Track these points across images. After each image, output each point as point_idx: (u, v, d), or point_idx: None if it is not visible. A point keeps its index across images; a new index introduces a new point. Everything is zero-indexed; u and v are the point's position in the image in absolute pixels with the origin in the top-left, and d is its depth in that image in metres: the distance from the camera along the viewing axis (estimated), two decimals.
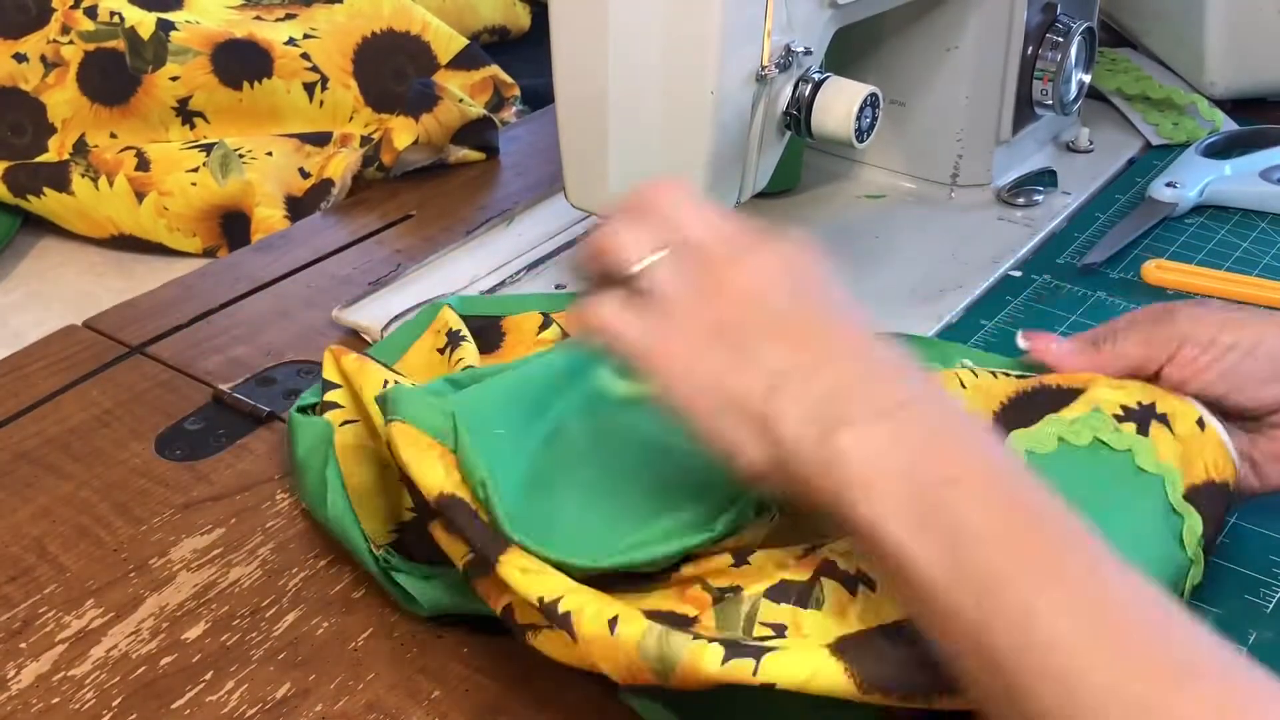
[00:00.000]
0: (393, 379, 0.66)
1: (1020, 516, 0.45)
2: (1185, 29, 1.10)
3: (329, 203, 1.01)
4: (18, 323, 0.92)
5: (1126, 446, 0.59)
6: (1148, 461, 0.59)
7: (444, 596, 0.61)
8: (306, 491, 0.67)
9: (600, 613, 0.53)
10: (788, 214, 0.96)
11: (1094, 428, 0.60)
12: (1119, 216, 0.96)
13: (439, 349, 0.73)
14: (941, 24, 0.93)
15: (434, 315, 0.76)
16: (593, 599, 0.54)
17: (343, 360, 0.68)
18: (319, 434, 0.67)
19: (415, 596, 0.61)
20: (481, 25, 1.28)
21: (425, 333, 0.75)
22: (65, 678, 0.59)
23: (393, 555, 0.63)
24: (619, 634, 0.52)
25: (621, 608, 0.53)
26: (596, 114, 0.71)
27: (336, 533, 0.64)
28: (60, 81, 1.05)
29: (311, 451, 0.67)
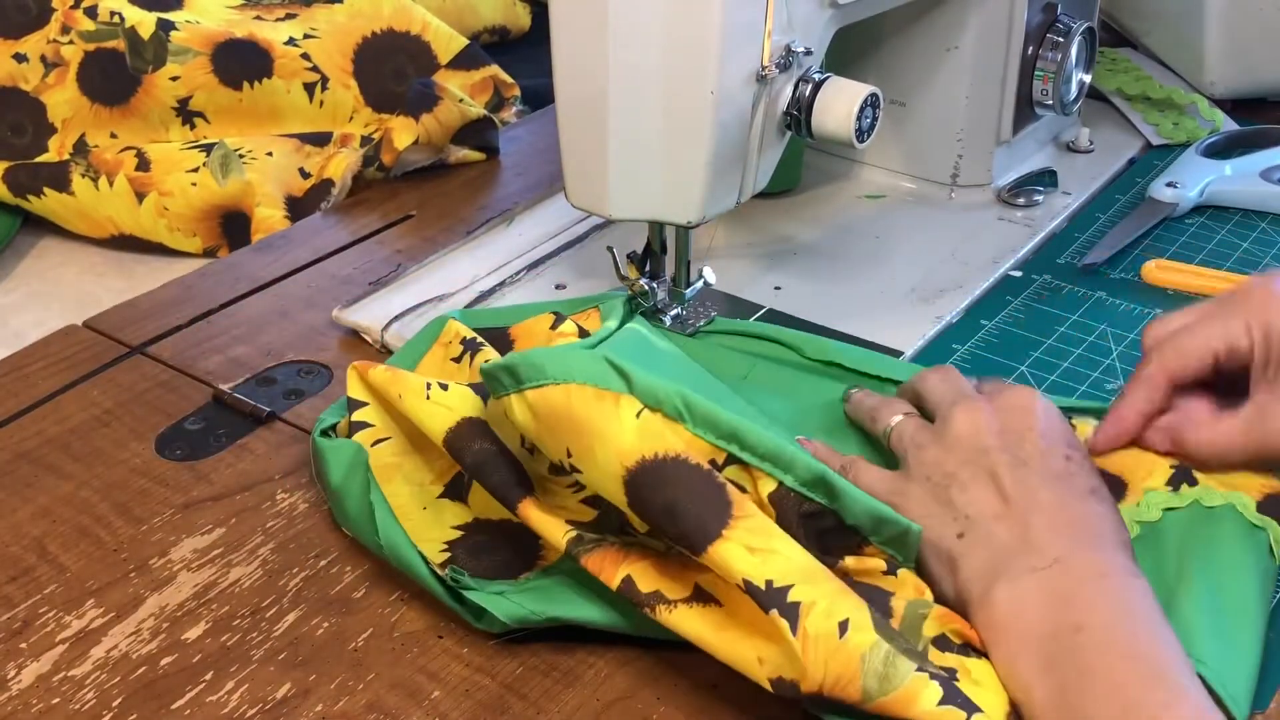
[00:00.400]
0: (435, 382, 0.64)
1: (1124, 666, 0.51)
2: (1185, 29, 1.10)
3: (329, 203, 1.01)
4: (18, 323, 0.92)
5: (1191, 500, 0.62)
6: (1211, 498, 0.62)
7: (524, 609, 0.59)
8: (348, 518, 0.65)
9: (831, 612, 0.52)
10: (788, 214, 0.96)
11: (1158, 502, 0.63)
12: (1119, 216, 0.96)
13: (453, 359, 0.72)
14: (941, 24, 0.92)
15: (439, 330, 0.74)
16: (825, 594, 0.52)
17: (370, 374, 0.67)
18: (351, 458, 0.65)
19: (496, 614, 0.59)
20: (481, 25, 1.28)
21: (434, 346, 0.74)
22: (65, 678, 0.59)
23: (461, 574, 0.60)
24: (848, 639, 0.51)
25: (852, 612, 0.52)
26: (596, 114, 0.71)
27: (391, 557, 0.62)
28: (60, 81, 1.05)
29: (348, 477, 0.65)
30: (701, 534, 0.53)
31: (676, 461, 0.54)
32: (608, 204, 0.73)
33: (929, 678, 0.51)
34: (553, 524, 0.59)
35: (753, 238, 0.93)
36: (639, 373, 0.57)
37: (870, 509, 0.57)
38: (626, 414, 0.56)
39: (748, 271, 0.88)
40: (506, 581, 0.61)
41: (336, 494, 0.66)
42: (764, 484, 0.56)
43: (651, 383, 0.57)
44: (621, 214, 0.74)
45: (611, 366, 0.57)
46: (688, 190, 0.72)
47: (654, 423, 0.56)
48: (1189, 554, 0.60)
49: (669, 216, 0.74)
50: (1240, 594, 0.58)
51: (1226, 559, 0.59)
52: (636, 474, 0.55)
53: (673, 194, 0.72)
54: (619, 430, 0.55)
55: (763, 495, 0.56)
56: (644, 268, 0.78)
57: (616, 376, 0.57)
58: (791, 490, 0.56)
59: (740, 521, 0.53)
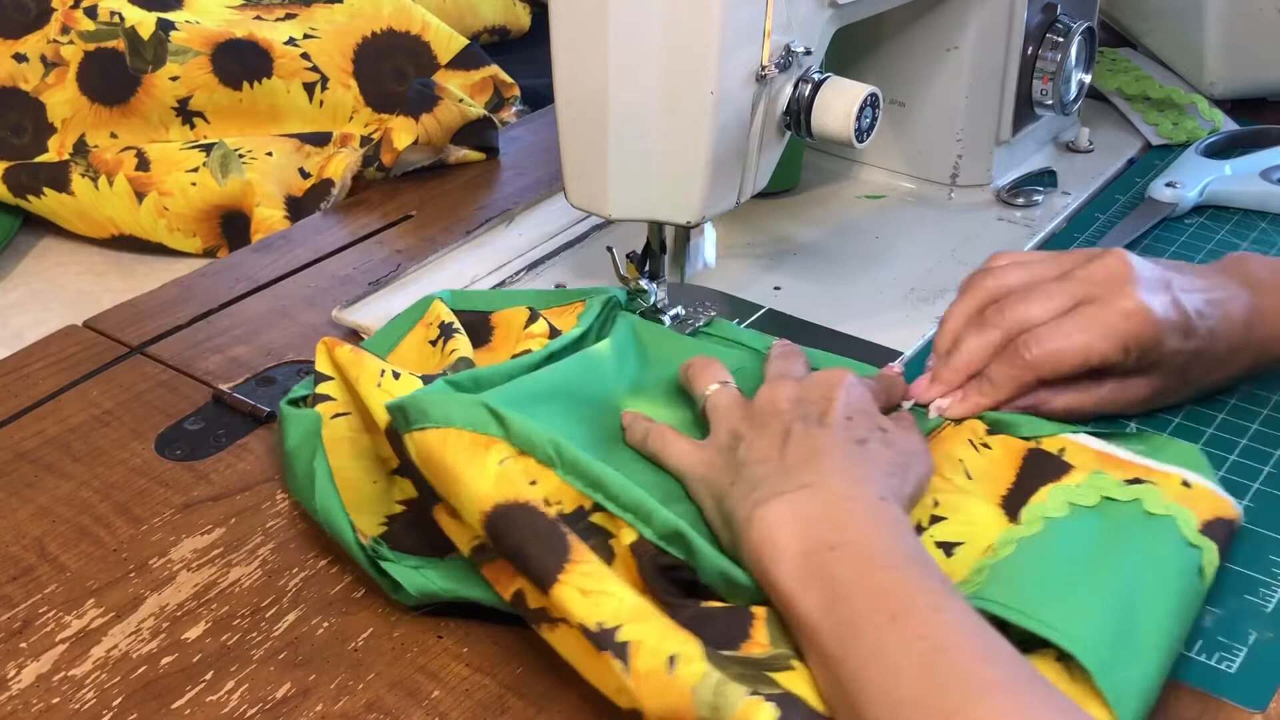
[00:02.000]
0: (390, 369, 0.66)
1: (885, 575, 0.53)
2: (1185, 29, 1.10)
3: (329, 203, 1.01)
4: (18, 323, 0.92)
5: (1134, 497, 0.62)
6: (1156, 505, 0.62)
7: (433, 584, 0.61)
8: (295, 483, 0.67)
9: (660, 649, 0.53)
10: (788, 214, 0.96)
11: (1100, 487, 0.63)
12: (1119, 216, 0.96)
13: (430, 341, 0.74)
14: (941, 24, 0.93)
15: (425, 309, 0.76)
16: (653, 632, 0.53)
17: (336, 352, 0.68)
18: (309, 426, 0.67)
19: (404, 586, 0.61)
20: (481, 25, 1.28)
21: (417, 325, 0.76)
22: (65, 678, 0.59)
23: (380, 545, 0.63)
24: (676, 673, 0.52)
25: (680, 646, 0.53)
26: (596, 114, 0.71)
27: (323, 523, 0.64)
28: (60, 81, 1.05)
29: (301, 443, 0.67)
30: (542, 577, 0.55)
31: (525, 508, 0.57)
32: (607, 204, 0.73)
33: (763, 700, 0.51)
34: (461, 532, 0.60)
35: (752, 238, 0.93)
36: (517, 420, 0.59)
37: (722, 570, 0.57)
38: (491, 460, 0.58)
39: (748, 271, 0.88)
40: (430, 559, 0.63)
41: (288, 458, 0.67)
42: (626, 533, 0.58)
43: (527, 429, 0.59)
44: (621, 214, 0.74)
45: (490, 413, 0.60)
46: (687, 190, 0.72)
47: (513, 469, 0.58)
48: (1113, 549, 0.60)
49: (669, 216, 0.74)
50: (1155, 601, 0.57)
51: (1151, 564, 0.59)
52: (492, 517, 0.57)
53: (672, 194, 0.72)
54: (479, 475, 0.58)
55: (625, 544, 0.58)
56: (644, 268, 0.78)
57: (494, 423, 0.59)
58: (650, 542, 0.58)
59: (576, 566, 0.55)
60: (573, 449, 0.59)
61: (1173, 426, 0.74)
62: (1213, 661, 0.60)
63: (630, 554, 0.58)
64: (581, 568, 0.55)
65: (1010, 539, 0.61)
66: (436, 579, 0.61)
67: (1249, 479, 0.70)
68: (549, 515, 0.57)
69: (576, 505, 0.59)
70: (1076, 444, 0.67)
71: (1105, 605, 0.56)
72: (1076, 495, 0.63)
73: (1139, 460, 0.65)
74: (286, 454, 0.68)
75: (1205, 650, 0.60)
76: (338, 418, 0.67)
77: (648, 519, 0.58)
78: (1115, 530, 0.61)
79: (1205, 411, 0.75)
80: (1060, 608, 0.55)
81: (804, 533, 0.55)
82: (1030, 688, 0.49)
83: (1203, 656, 0.60)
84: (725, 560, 0.58)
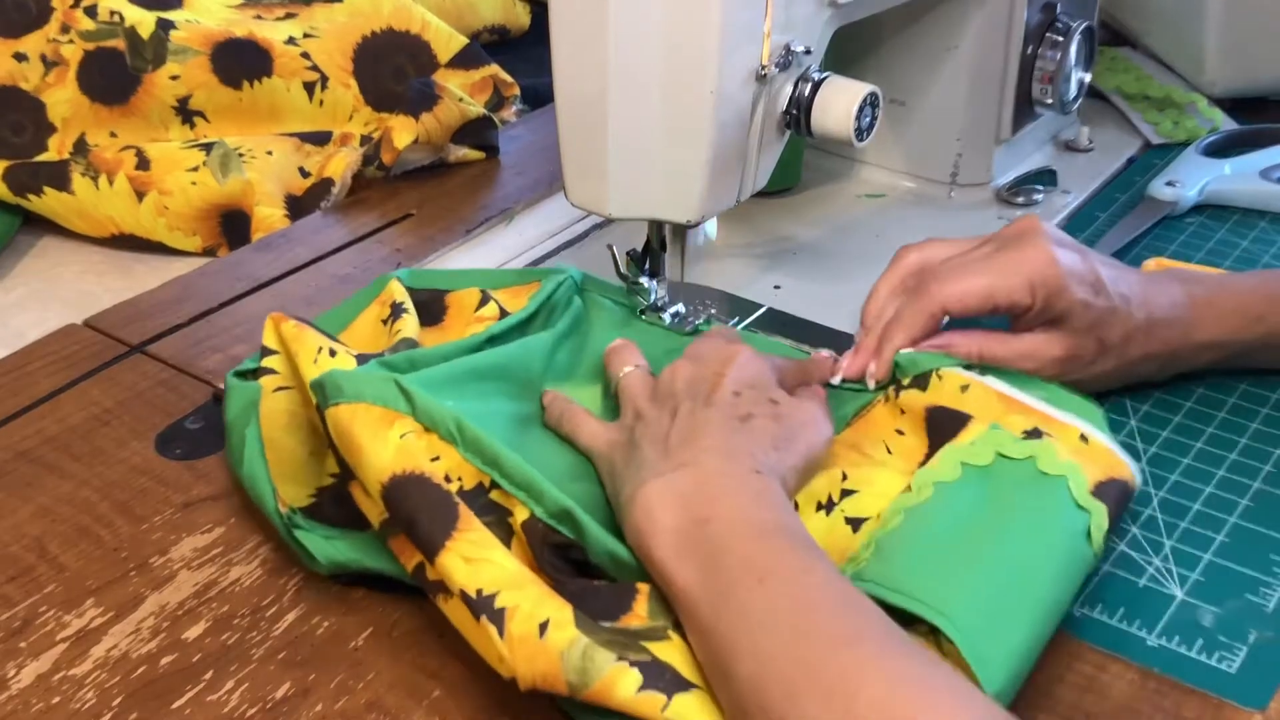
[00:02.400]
0: (329, 346, 0.67)
1: (754, 544, 0.55)
2: (1185, 28, 1.10)
3: (329, 202, 1.01)
4: (18, 322, 0.92)
5: (1028, 454, 0.63)
6: (1050, 464, 0.62)
7: (343, 554, 0.63)
8: (230, 452, 0.69)
9: (533, 614, 0.54)
10: (788, 213, 0.96)
11: (995, 443, 0.64)
12: (1119, 215, 0.96)
13: (382, 320, 0.75)
14: (941, 24, 0.93)
15: (382, 287, 0.77)
16: (528, 598, 0.55)
17: (282, 327, 0.69)
18: (249, 398, 0.69)
19: (315, 554, 0.63)
20: (481, 24, 1.28)
21: (372, 304, 0.77)
22: (65, 677, 0.59)
23: (296, 514, 0.64)
24: (547, 638, 0.54)
25: (554, 612, 0.54)
26: (596, 113, 0.71)
27: (248, 489, 0.66)
28: (60, 81, 1.05)
29: (239, 415, 0.69)
30: (431, 545, 0.57)
31: (419, 479, 0.59)
32: (607, 203, 0.74)
33: (628, 666, 0.53)
34: (371, 506, 0.62)
35: (752, 237, 0.93)
36: (422, 397, 0.61)
37: (610, 550, 0.58)
38: (394, 434, 0.60)
39: (748, 271, 0.88)
40: (344, 530, 0.64)
41: (228, 429, 0.70)
42: (519, 511, 0.59)
43: (431, 407, 0.61)
44: (621, 213, 0.74)
45: (399, 390, 0.61)
46: (687, 189, 0.72)
47: (414, 444, 0.60)
48: (999, 514, 0.60)
49: (668, 215, 0.74)
50: (1036, 566, 0.58)
51: (1036, 528, 0.60)
52: (389, 487, 0.59)
53: (672, 193, 0.72)
54: (381, 448, 0.60)
55: (518, 521, 0.59)
56: (644, 266, 0.78)
57: (401, 399, 0.61)
58: (540, 521, 0.59)
59: (462, 534, 0.57)
60: (473, 427, 0.61)
61: (1173, 426, 0.74)
62: (1213, 661, 0.60)
63: (521, 532, 0.59)
64: (468, 535, 0.57)
65: (899, 508, 0.61)
66: (346, 550, 0.63)
67: (1249, 479, 0.71)
68: (443, 487, 0.59)
69: (476, 482, 0.61)
70: (982, 385, 0.67)
71: (982, 574, 0.57)
72: (970, 454, 0.63)
73: (1040, 406, 0.66)
74: (227, 425, 0.70)
75: (1205, 650, 0.60)
76: (280, 391, 0.68)
77: (539, 498, 0.59)
78: (1004, 493, 0.61)
79: (1205, 411, 0.75)
80: (935, 581, 0.56)
81: (679, 510, 0.57)
82: (892, 640, 0.51)
83: (1203, 656, 0.60)
84: (612, 540, 0.59)
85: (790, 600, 0.52)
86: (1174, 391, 0.77)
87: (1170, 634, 0.61)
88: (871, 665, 0.49)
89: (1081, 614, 0.62)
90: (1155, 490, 0.70)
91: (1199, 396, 0.76)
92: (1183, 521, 0.68)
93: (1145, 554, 0.66)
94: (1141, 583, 0.64)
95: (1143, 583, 0.64)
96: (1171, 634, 0.61)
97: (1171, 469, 0.71)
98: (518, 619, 0.54)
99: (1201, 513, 0.68)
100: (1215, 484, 0.70)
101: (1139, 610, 0.62)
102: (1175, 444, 0.73)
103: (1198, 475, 0.71)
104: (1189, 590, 0.63)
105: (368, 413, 0.60)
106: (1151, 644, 0.61)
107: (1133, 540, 0.67)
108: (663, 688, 0.53)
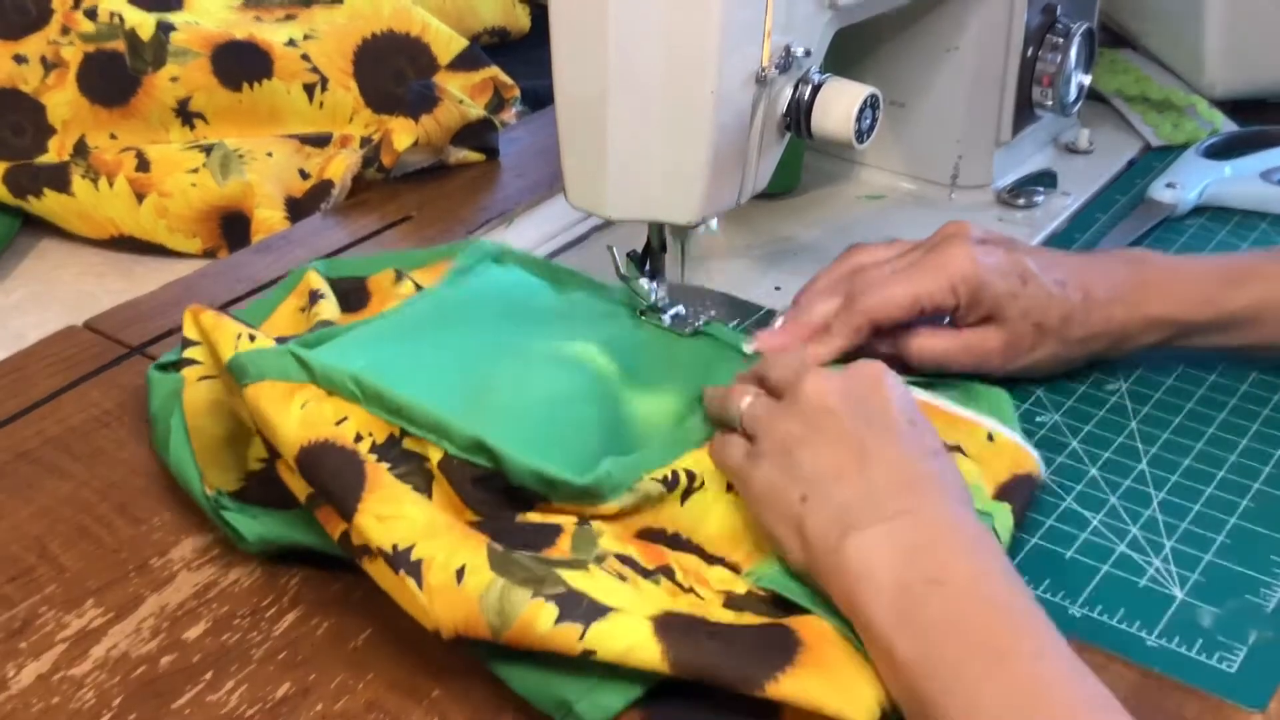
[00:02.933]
0: (247, 333, 0.67)
1: (987, 614, 0.52)
2: (1185, 30, 1.10)
3: (329, 204, 1.01)
4: (18, 324, 0.92)
5: None
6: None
7: (272, 531, 0.64)
8: (157, 442, 0.70)
9: (449, 562, 0.55)
10: (788, 215, 0.96)
11: None
12: (1119, 218, 0.96)
13: (301, 309, 0.76)
14: (941, 24, 0.93)
15: (299, 279, 0.78)
16: (443, 547, 0.56)
17: (201, 318, 0.69)
18: (171, 389, 0.70)
19: (243, 533, 0.64)
20: (481, 26, 1.28)
21: (290, 296, 0.78)
22: (65, 677, 0.59)
23: (222, 496, 0.65)
24: (464, 584, 0.55)
25: (468, 556, 0.55)
26: (596, 114, 0.71)
27: (176, 475, 0.67)
28: (60, 82, 1.05)
29: (163, 406, 0.70)
30: (345, 508, 0.58)
31: (325, 445, 0.60)
32: (607, 204, 0.73)
33: (544, 601, 0.54)
34: (296, 482, 0.62)
35: (753, 238, 0.93)
36: (319, 361, 0.62)
37: (533, 470, 0.59)
38: (295, 405, 0.61)
39: (748, 271, 0.88)
40: (274, 510, 0.64)
41: (152, 419, 0.71)
42: (434, 452, 0.60)
43: (329, 370, 0.62)
44: (621, 214, 0.74)
45: (295, 360, 0.62)
46: (687, 190, 0.72)
47: (316, 411, 0.61)
48: None
49: (668, 216, 0.74)
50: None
51: None
52: (300, 459, 0.60)
53: (672, 194, 0.72)
54: (286, 421, 0.60)
55: (435, 464, 0.60)
56: (644, 267, 0.78)
57: (298, 369, 0.62)
58: (455, 458, 0.60)
59: (372, 494, 0.58)
60: (373, 382, 0.61)
61: (1173, 427, 0.74)
62: (1213, 661, 0.60)
63: (440, 472, 0.60)
64: (378, 494, 0.58)
65: None
66: (275, 526, 0.64)
67: (1249, 479, 0.71)
68: (349, 449, 0.59)
69: (387, 434, 0.62)
70: None
71: None
72: None
73: (951, 408, 0.69)
74: (151, 417, 0.71)
75: (1205, 650, 0.60)
76: (203, 380, 0.68)
77: (448, 435, 0.60)
78: None
79: (1206, 412, 0.75)
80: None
81: (903, 566, 0.54)
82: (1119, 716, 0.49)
83: (1203, 656, 0.60)
84: (533, 462, 0.59)
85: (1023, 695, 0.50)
86: (1174, 392, 0.77)
87: (1170, 634, 0.61)
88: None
89: (1081, 614, 0.62)
90: (1155, 491, 0.70)
91: (1200, 398, 0.77)
92: (1183, 522, 0.68)
93: (1145, 554, 0.66)
94: (1141, 583, 0.64)
95: (1143, 583, 0.64)
96: (1171, 634, 0.61)
97: (1172, 470, 0.71)
98: (434, 569, 0.55)
99: (1202, 513, 0.68)
100: (1215, 485, 0.70)
101: (1139, 610, 0.62)
102: (1176, 445, 0.73)
103: (1198, 476, 0.71)
104: (1189, 590, 0.63)
105: (271, 389, 0.61)
106: (1151, 644, 0.61)
107: (1133, 541, 0.67)
108: (579, 617, 0.54)
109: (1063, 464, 0.72)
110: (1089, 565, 0.65)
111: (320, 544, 0.63)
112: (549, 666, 0.55)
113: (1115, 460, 0.72)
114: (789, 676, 0.53)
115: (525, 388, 0.68)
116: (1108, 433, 0.74)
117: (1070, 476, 0.71)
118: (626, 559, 0.59)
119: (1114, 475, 0.71)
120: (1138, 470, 0.71)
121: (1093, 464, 0.72)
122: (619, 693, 0.55)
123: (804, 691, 0.53)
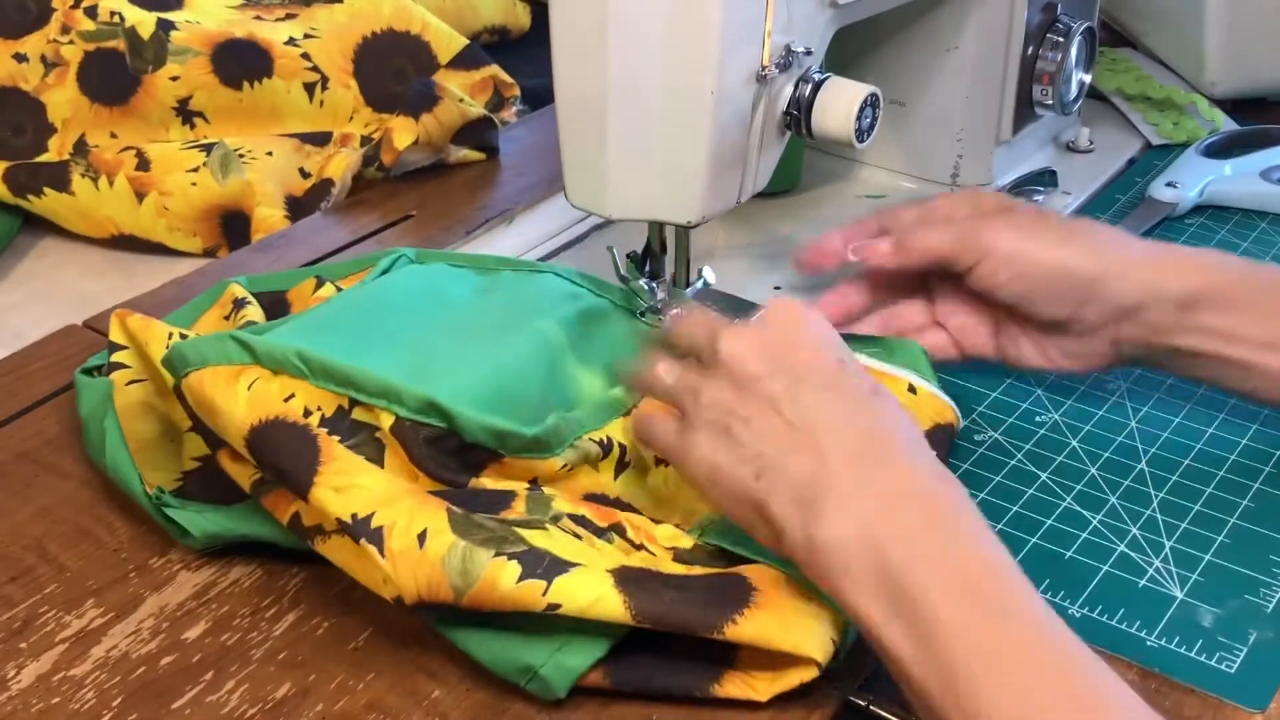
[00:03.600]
0: (178, 333, 0.67)
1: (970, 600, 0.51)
2: (1185, 29, 1.10)
3: (329, 203, 1.01)
4: (18, 323, 0.92)
5: None
6: None
7: (217, 525, 0.64)
8: (90, 445, 0.70)
9: (410, 527, 0.56)
10: (788, 214, 0.96)
11: None
12: (1119, 216, 0.96)
13: (225, 318, 0.76)
14: (941, 24, 0.93)
15: (220, 293, 0.78)
16: (403, 512, 0.56)
17: (128, 321, 0.70)
18: (101, 392, 0.70)
19: (188, 528, 0.64)
20: (482, 25, 1.28)
21: (213, 306, 0.78)
22: (65, 677, 0.59)
23: (164, 493, 0.65)
24: (427, 548, 0.55)
25: (429, 519, 0.56)
26: (596, 114, 0.71)
27: (114, 478, 0.67)
28: (60, 81, 1.05)
29: (94, 410, 0.70)
30: (300, 485, 0.58)
31: (275, 423, 0.60)
32: (607, 204, 0.73)
33: (506, 559, 0.55)
34: (241, 470, 0.63)
35: (753, 238, 0.93)
36: (261, 342, 0.62)
37: (485, 425, 0.60)
38: (241, 386, 0.61)
39: (748, 271, 0.88)
40: (218, 505, 0.65)
41: (84, 423, 0.71)
42: (385, 418, 0.61)
43: (272, 349, 0.62)
44: (621, 214, 0.74)
45: (237, 343, 0.62)
46: (687, 190, 0.72)
47: (263, 390, 0.61)
48: None
49: (669, 216, 0.74)
50: None
51: None
52: (250, 440, 0.60)
53: (672, 194, 0.72)
54: (234, 403, 0.60)
55: (386, 429, 0.60)
56: (644, 267, 0.78)
57: (241, 351, 0.62)
58: (406, 420, 0.60)
59: (327, 466, 0.58)
60: (317, 355, 0.61)
61: (1173, 427, 0.74)
62: (1213, 661, 0.60)
63: (392, 437, 0.60)
64: (333, 466, 0.58)
65: None
66: (220, 520, 0.64)
67: (1249, 479, 0.71)
68: (300, 424, 0.59)
69: (336, 406, 0.62)
70: None
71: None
72: None
73: (873, 363, 0.71)
74: (81, 421, 0.71)
75: (1205, 650, 0.60)
76: (132, 384, 0.69)
77: (399, 398, 0.60)
78: None
79: (1205, 411, 0.75)
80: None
81: (877, 553, 0.52)
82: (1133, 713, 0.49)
83: (1203, 656, 0.60)
84: (485, 417, 0.60)
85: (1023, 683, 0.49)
86: (1174, 392, 0.77)
87: (1170, 634, 0.61)
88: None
89: (1081, 614, 0.62)
90: (1155, 491, 0.70)
91: (1199, 397, 0.77)
92: (1183, 522, 0.68)
93: (1145, 555, 0.66)
94: (1141, 583, 0.64)
95: (1143, 583, 0.64)
96: (1171, 634, 0.61)
97: (1172, 469, 0.71)
98: (396, 534, 0.56)
99: (1201, 513, 0.68)
100: (1215, 484, 0.70)
101: (1139, 610, 0.62)
102: (1175, 444, 0.73)
103: (1198, 476, 0.71)
104: (1189, 591, 0.63)
105: (214, 374, 0.61)
106: (1151, 644, 0.61)
107: (1133, 541, 0.67)
108: (541, 574, 0.55)
109: (1063, 464, 0.72)
110: (1089, 565, 0.65)
111: (269, 534, 0.63)
112: (511, 631, 0.56)
113: (1115, 460, 0.72)
114: (746, 619, 0.56)
115: (467, 355, 0.68)
116: (1108, 433, 0.74)
117: (1070, 476, 0.71)
118: (580, 519, 0.60)
119: (1114, 475, 0.71)
120: (1138, 470, 0.71)
121: (1093, 464, 0.72)
122: (582, 653, 0.56)
123: (761, 632, 0.55)
